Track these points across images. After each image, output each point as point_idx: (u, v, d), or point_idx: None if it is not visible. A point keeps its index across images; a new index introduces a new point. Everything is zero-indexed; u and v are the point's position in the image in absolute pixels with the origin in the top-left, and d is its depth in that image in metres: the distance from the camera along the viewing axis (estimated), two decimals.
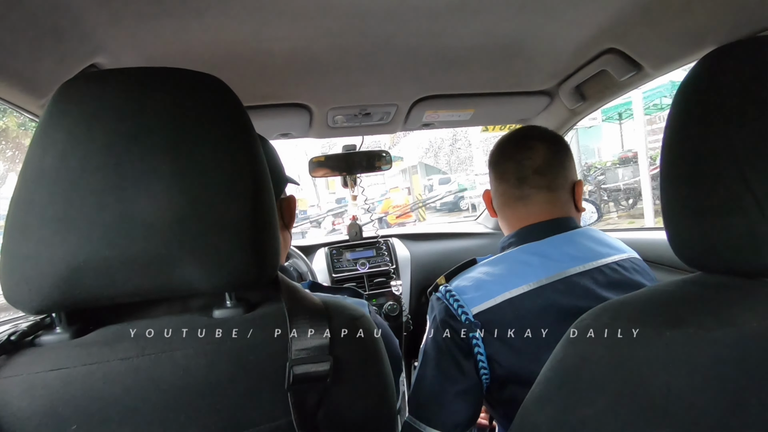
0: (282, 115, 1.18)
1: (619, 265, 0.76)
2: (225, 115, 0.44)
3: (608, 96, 1.14)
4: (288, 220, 0.72)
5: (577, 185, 0.85)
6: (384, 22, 0.78)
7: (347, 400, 0.45)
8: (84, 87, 0.42)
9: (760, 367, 0.39)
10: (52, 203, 0.38)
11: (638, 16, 0.83)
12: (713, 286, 0.45)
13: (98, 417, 0.37)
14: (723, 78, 0.45)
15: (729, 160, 0.42)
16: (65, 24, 0.63)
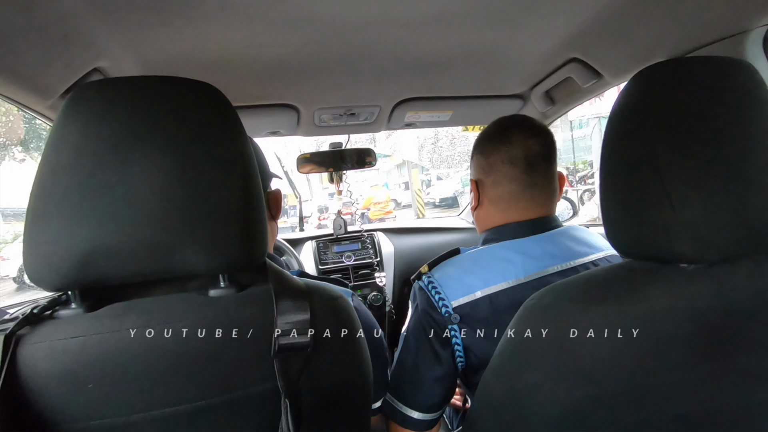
0: (271, 114, 1.24)
1: (594, 264, 0.80)
2: (218, 117, 0.50)
3: (575, 101, 1.23)
4: (275, 211, 0.78)
5: (561, 177, 0.86)
6: (364, 32, 0.84)
7: (326, 369, 0.51)
8: (94, 93, 0.47)
9: (664, 335, 0.48)
10: (68, 195, 0.44)
11: (596, 30, 0.91)
12: (635, 270, 0.53)
13: (110, 378, 0.44)
14: (648, 94, 0.53)
15: (650, 164, 0.50)
16: (72, 32, 0.69)
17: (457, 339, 0.76)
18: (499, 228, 0.84)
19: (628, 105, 0.54)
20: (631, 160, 0.52)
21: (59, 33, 0.67)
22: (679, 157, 0.49)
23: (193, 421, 0.46)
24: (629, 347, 0.48)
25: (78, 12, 0.66)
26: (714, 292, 0.48)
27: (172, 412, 0.45)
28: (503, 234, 0.82)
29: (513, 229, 0.82)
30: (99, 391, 0.43)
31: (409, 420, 0.78)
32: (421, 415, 0.77)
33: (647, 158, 0.50)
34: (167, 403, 0.45)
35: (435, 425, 0.81)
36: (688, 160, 0.49)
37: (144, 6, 0.68)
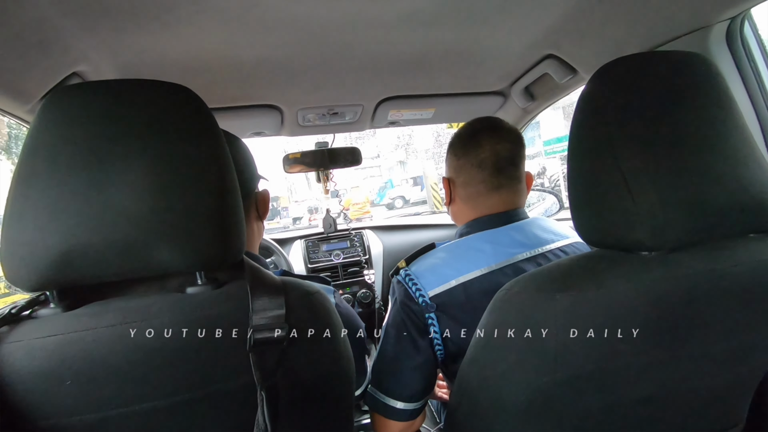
0: (254, 115, 1.25)
1: (561, 251, 0.84)
2: (192, 119, 0.51)
3: (554, 96, 1.25)
4: (262, 211, 0.80)
5: (528, 177, 0.91)
6: (341, 32, 0.86)
7: (302, 362, 0.52)
8: (70, 97, 0.48)
9: (624, 321, 0.50)
10: (44, 197, 0.45)
11: (569, 27, 0.93)
12: (597, 258, 0.55)
13: (88, 375, 0.45)
14: (608, 88, 0.55)
15: (610, 155, 0.52)
16: (49, 38, 0.70)
17: (435, 327, 0.79)
18: (471, 222, 0.88)
19: (590, 100, 0.56)
20: (593, 152, 0.54)
21: (35, 39, 0.68)
22: (637, 148, 0.51)
23: (172, 415, 0.47)
24: (590, 333, 0.50)
25: (53, 18, 0.67)
26: (671, 278, 0.50)
27: (150, 407, 0.46)
28: (475, 227, 0.86)
29: (484, 221, 0.86)
30: (77, 387, 0.44)
31: (392, 410, 0.79)
32: (403, 404, 0.79)
33: (608, 150, 0.52)
34: (145, 398, 0.46)
35: (418, 415, 0.83)
36: (646, 152, 0.51)
37: (119, 11, 0.69)
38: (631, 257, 0.53)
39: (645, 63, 0.55)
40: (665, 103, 0.52)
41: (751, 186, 0.52)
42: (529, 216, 0.90)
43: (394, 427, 0.82)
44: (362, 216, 5.25)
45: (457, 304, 0.78)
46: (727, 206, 0.51)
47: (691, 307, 0.51)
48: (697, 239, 0.52)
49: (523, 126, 1.52)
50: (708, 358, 0.54)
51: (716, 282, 0.51)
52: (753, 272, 0.52)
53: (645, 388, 0.55)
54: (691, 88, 0.53)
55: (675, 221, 0.50)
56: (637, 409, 0.58)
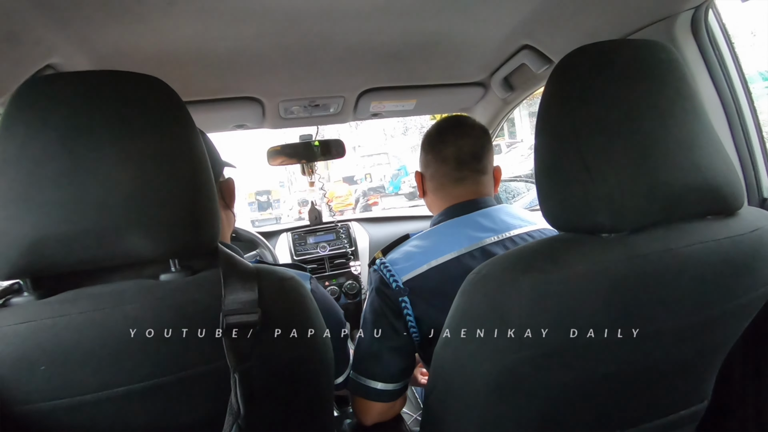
0: (235, 107, 1.25)
1: (528, 235, 0.88)
2: (164, 110, 0.51)
3: (532, 86, 1.27)
4: (228, 200, 0.80)
5: (496, 170, 0.96)
6: (318, 23, 0.86)
7: (277, 347, 0.53)
8: (40, 87, 0.49)
9: (583, 300, 0.52)
10: (14, 187, 0.45)
11: (543, 17, 0.94)
12: (560, 241, 0.57)
13: (62, 359, 0.45)
14: (571, 75, 0.56)
15: (572, 140, 0.54)
16: (19, 30, 0.69)
17: (409, 311, 0.82)
18: (443, 211, 0.93)
19: (555, 87, 0.58)
20: (557, 138, 0.56)
21: (4, 30, 0.67)
22: (597, 132, 0.53)
23: (146, 399, 0.48)
24: (552, 312, 0.52)
25: (22, 9, 0.67)
26: (629, 258, 0.52)
27: (124, 391, 0.47)
28: (446, 215, 0.91)
29: (454, 209, 0.91)
30: (51, 372, 0.45)
31: (373, 391, 0.82)
32: (383, 385, 0.82)
33: (570, 135, 0.54)
34: (119, 382, 0.47)
35: (399, 397, 0.85)
36: (605, 136, 0.53)
37: (89, 2, 0.69)
38: (592, 239, 0.55)
39: (606, 51, 0.57)
40: (624, 90, 0.54)
41: (707, 170, 0.54)
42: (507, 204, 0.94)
43: (375, 408, 0.84)
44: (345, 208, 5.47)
45: (428, 287, 0.81)
46: (684, 189, 0.54)
47: (649, 286, 0.53)
48: (656, 221, 0.54)
49: (504, 116, 1.54)
50: (668, 335, 0.57)
51: (672, 261, 0.53)
52: (706, 251, 0.54)
53: (609, 365, 0.58)
54: (650, 75, 0.55)
55: (633, 204, 0.52)
56: (603, 384, 0.61)
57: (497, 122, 1.54)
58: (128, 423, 0.49)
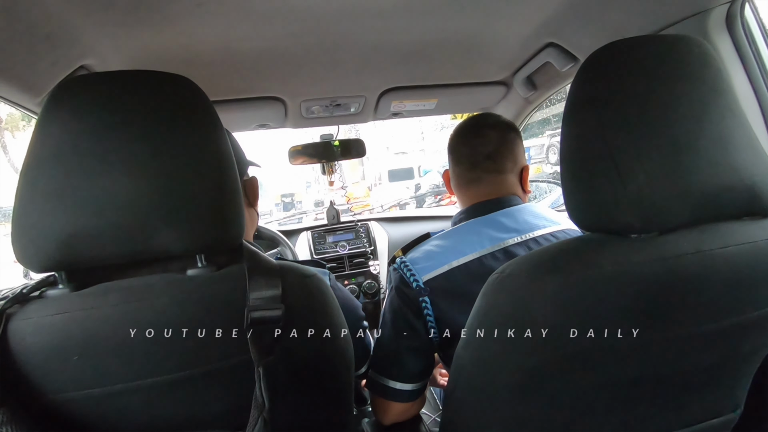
0: (258, 107, 1.27)
1: (552, 236, 0.86)
2: (193, 109, 0.53)
3: (556, 85, 1.25)
4: (252, 198, 0.82)
5: (524, 170, 0.94)
6: (339, 23, 0.87)
7: (299, 342, 0.53)
8: (75, 88, 0.51)
9: (610, 302, 0.51)
10: (51, 183, 0.47)
11: (569, 14, 0.93)
12: (587, 241, 0.56)
13: (94, 350, 0.47)
14: (599, 72, 0.55)
15: (600, 138, 0.52)
16: (57, 32, 0.72)
17: (429, 310, 0.81)
18: (464, 210, 0.92)
19: (582, 84, 0.57)
20: (584, 136, 0.55)
21: (43, 33, 0.70)
22: (627, 131, 0.51)
23: (173, 390, 0.50)
24: (577, 313, 0.51)
25: (60, 12, 0.69)
26: (658, 260, 0.51)
27: (152, 383, 0.48)
28: (467, 214, 0.90)
29: (475, 209, 0.90)
30: (83, 362, 0.46)
31: (391, 391, 0.82)
32: (401, 385, 0.82)
33: (598, 133, 0.53)
34: (148, 373, 0.48)
35: (417, 397, 0.85)
36: (635, 134, 0.51)
37: (122, 4, 0.71)
38: (620, 240, 0.53)
39: (637, 47, 0.55)
40: (656, 87, 0.52)
41: (743, 169, 0.52)
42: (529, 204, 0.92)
43: (394, 408, 0.84)
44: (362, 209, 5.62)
45: (449, 287, 0.81)
46: (718, 189, 0.52)
47: (679, 289, 0.51)
48: (688, 222, 0.53)
49: (527, 115, 1.52)
50: (698, 340, 0.55)
51: (704, 264, 0.51)
52: (742, 254, 0.52)
53: (635, 368, 0.56)
54: (683, 72, 0.54)
55: (664, 204, 0.51)
56: (629, 389, 0.59)
57: (520, 121, 1.52)
58: (156, 414, 0.50)
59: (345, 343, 0.59)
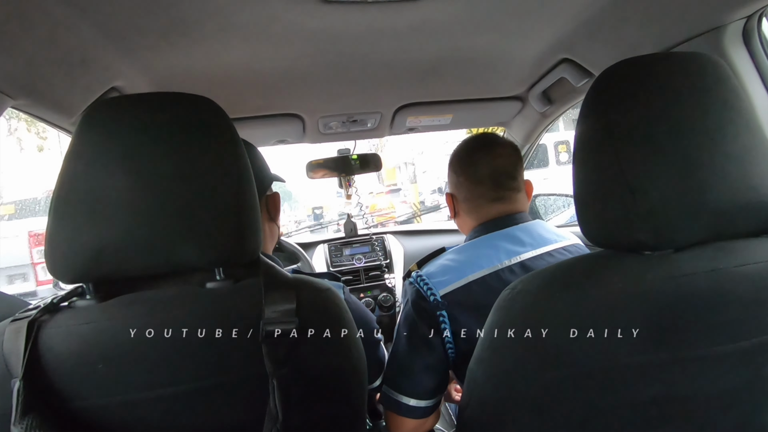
0: (277, 124, 1.31)
1: (566, 250, 0.87)
2: (214, 128, 0.55)
3: (572, 100, 1.25)
4: (273, 213, 0.84)
5: (527, 185, 0.95)
6: (355, 43, 0.90)
7: (313, 356, 0.55)
8: (105, 109, 0.54)
9: (622, 320, 0.50)
10: (82, 200, 0.50)
11: (583, 31, 0.93)
12: (599, 258, 0.56)
13: (117, 359, 0.49)
14: (611, 90, 0.55)
15: (612, 155, 0.52)
16: (91, 57, 0.77)
17: (446, 325, 0.81)
18: (477, 227, 0.92)
19: (594, 100, 0.57)
20: (596, 151, 0.55)
21: (78, 58, 0.75)
22: (638, 147, 0.51)
23: (191, 400, 0.51)
24: (589, 331, 0.50)
25: (94, 39, 0.74)
26: (672, 278, 0.50)
27: (171, 392, 0.50)
28: (481, 231, 0.90)
29: (489, 225, 0.89)
30: (107, 371, 0.49)
31: (404, 407, 0.81)
32: (416, 401, 0.81)
33: (610, 149, 0.53)
34: (167, 383, 0.50)
35: (431, 413, 0.84)
36: (647, 150, 0.51)
37: (151, 30, 0.75)
38: (633, 257, 0.53)
39: (650, 63, 0.55)
40: (669, 103, 0.52)
41: (761, 186, 0.52)
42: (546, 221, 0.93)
43: (407, 425, 0.83)
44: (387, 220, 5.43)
45: (467, 302, 0.80)
46: (735, 207, 0.51)
47: (694, 308, 0.50)
48: (702, 239, 0.52)
49: (543, 129, 1.52)
50: (715, 361, 0.53)
51: (720, 282, 0.50)
52: (760, 273, 0.51)
53: (652, 389, 0.55)
54: (696, 88, 0.53)
55: (677, 221, 0.50)
56: (646, 410, 0.58)
57: (536, 136, 1.52)
58: (175, 423, 0.52)
59: (358, 356, 0.59)
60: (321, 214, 16.33)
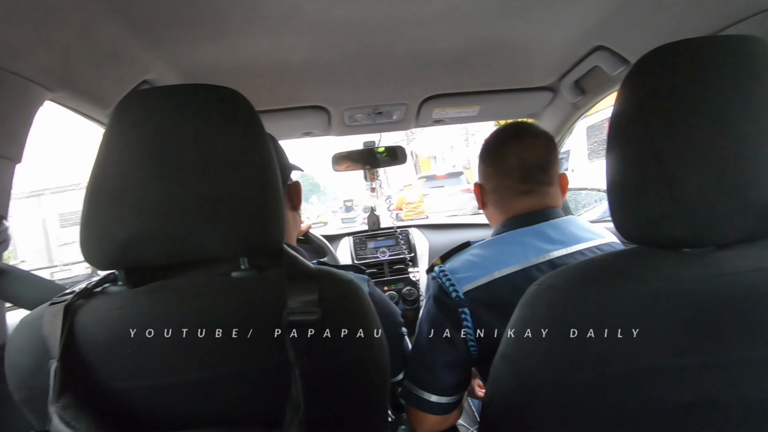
0: (303, 116, 1.31)
1: (598, 248, 0.83)
2: (240, 119, 0.56)
3: (606, 89, 1.19)
4: (296, 202, 0.84)
5: (562, 178, 0.91)
6: (380, 33, 0.88)
7: (335, 346, 0.54)
8: (135, 101, 0.55)
9: (658, 320, 0.48)
10: (114, 189, 0.52)
11: (619, 16, 0.89)
12: (634, 254, 0.53)
13: (146, 344, 0.51)
14: (648, 77, 0.52)
15: (649, 147, 0.50)
16: (121, 51, 0.79)
17: (468, 322, 0.79)
18: (506, 222, 0.89)
19: (631, 89, 0.54)
20: (632, 144, 0.52)
21: (111, 52, 0.77)
22: (679, 138, 0.48)
23: (215, 386, 0.52)
24: (622, 330, 0.48)
25: (126, 32, 0.76)
26: (713, 276, 0.47)
27: (196, 378, 0.51)
28: (509, 226, 0.87)
29: (518, 220, 0.86)
30: (136, 355, 0.50)
31: (426, 403, 0.81)
32: (437, 398, 0.80)
33: (646, 140, 0.50)
34: (192, 369, 0.51)
35: (453, 410, 0.83)
36: (688, 141, 0.48)
37: (180, 23, 0.77)
38: (670, 254, 0.50)
39: (691, 48, 0.52)
40: (713, 92, 0.49)
41: None
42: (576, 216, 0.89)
43: (429, 420, 0.83)
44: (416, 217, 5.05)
45: (490, 299, 0.78)
46: None
47: (735, 309, 0.47)
48: (746, 237, 0.49)
49: (575, 121, 1.46)
50: (757, 365, 0.50)
51: (764, 282, 0.47)
52: None
53: (686, 393, 0.52)
54: (745, 75, 0.50)
55: (720, 217, 0.47)
56: (681, 415, 0.55)
57: (567, 127, 1.47)
58: (199, 408, 0.53)
59: (380, 349, 0.59)
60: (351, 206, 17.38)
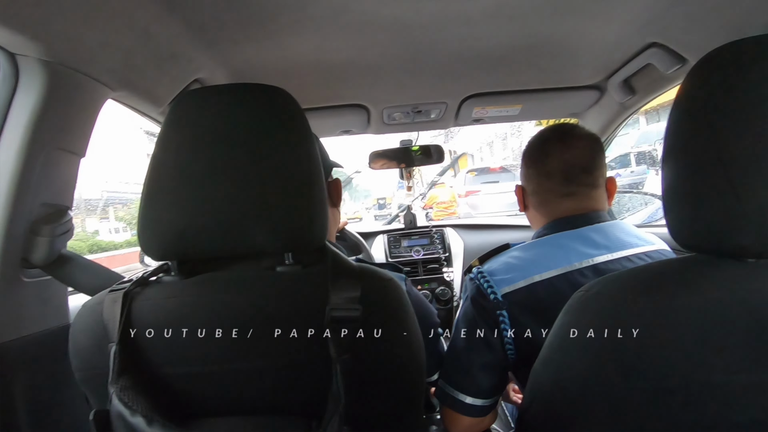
0: (343, 114, 1.33)
1: (647, 255, 0.79)
2: (288, 117, 0.57)
3: (658, 88, 1.14)
4: (335, 199, 0.85)
5: (609, 182, 0.88)
6: (425, 31, 0.88)
7: (374, 343, 0.55)
8: (190, 100, 0.58)
9: (718, 332, 0.45)
10: (169, 184, 0.55)
11: (676, 10, 0.84)
12: (692, 263, 0.50)
13: (196, 333, 0.53)
14: (712, 79, 0.50)
15: (713, 153, 0.47)
16: (178, 50, 0.83)
17: (506, 325, 0.77)
18: (548, 224, 0.86)
19: (691, 92, 0.51)
20: (693, 146, 0.50)
21: (169, 53, 0.81)
22: (744, 139, 0.46)
23: (259, 376, 0.54)
24: (678, 342, 0.46)
25: (183, 34, 0.80)
26: None
27: (241, 367, 0.53)
28: (552, 229, 0.84)
29: (561, 223, 0.84)
30: (187, 343, 0.53)
31: (460, 404, 0.80)
32: (472, 399, 0.80)
33: (710, 143, 0.47)
34: (236, 359, 0.53)
35: (488, 412, 0.82)
36: (755, 144, 0.45)
37: (232, 23, 0.79)
38: (733, 264, 0.48)
39: (756, 48, 0.49)
40: None
41: None
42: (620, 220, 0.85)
43: (464, 422, 0.82)
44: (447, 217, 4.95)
45: (530, 303, 0.76)
46: None
47: None
48: None
49: (621, 122, 1.40)
50: None
51: None
52: None
53: (744, 412, 0.49)
54: None
55: None
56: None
57: (613, 129, 1.41)
58: (243, 396, 0.55)
59: (418, 348, 0.59)
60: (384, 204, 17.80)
